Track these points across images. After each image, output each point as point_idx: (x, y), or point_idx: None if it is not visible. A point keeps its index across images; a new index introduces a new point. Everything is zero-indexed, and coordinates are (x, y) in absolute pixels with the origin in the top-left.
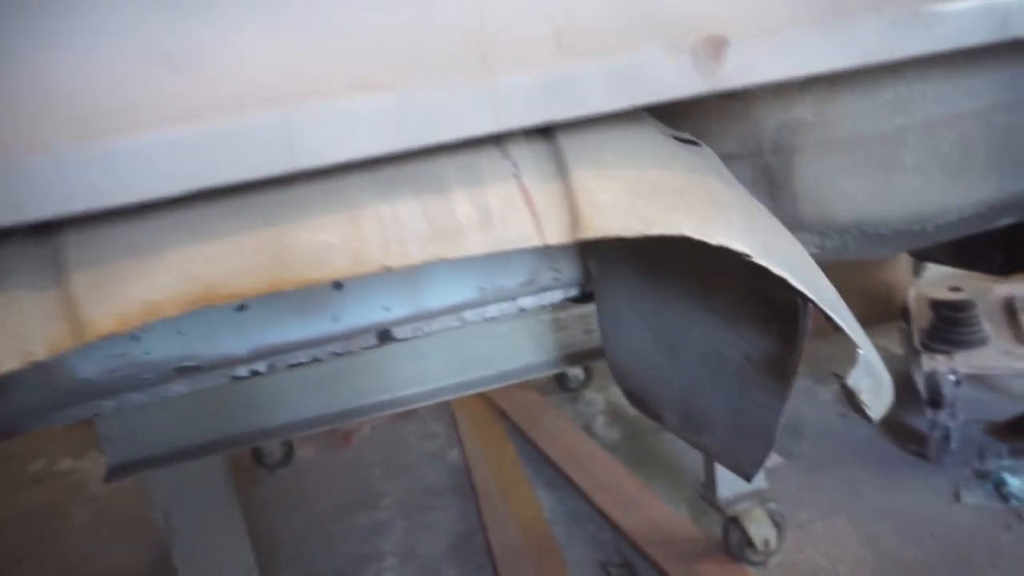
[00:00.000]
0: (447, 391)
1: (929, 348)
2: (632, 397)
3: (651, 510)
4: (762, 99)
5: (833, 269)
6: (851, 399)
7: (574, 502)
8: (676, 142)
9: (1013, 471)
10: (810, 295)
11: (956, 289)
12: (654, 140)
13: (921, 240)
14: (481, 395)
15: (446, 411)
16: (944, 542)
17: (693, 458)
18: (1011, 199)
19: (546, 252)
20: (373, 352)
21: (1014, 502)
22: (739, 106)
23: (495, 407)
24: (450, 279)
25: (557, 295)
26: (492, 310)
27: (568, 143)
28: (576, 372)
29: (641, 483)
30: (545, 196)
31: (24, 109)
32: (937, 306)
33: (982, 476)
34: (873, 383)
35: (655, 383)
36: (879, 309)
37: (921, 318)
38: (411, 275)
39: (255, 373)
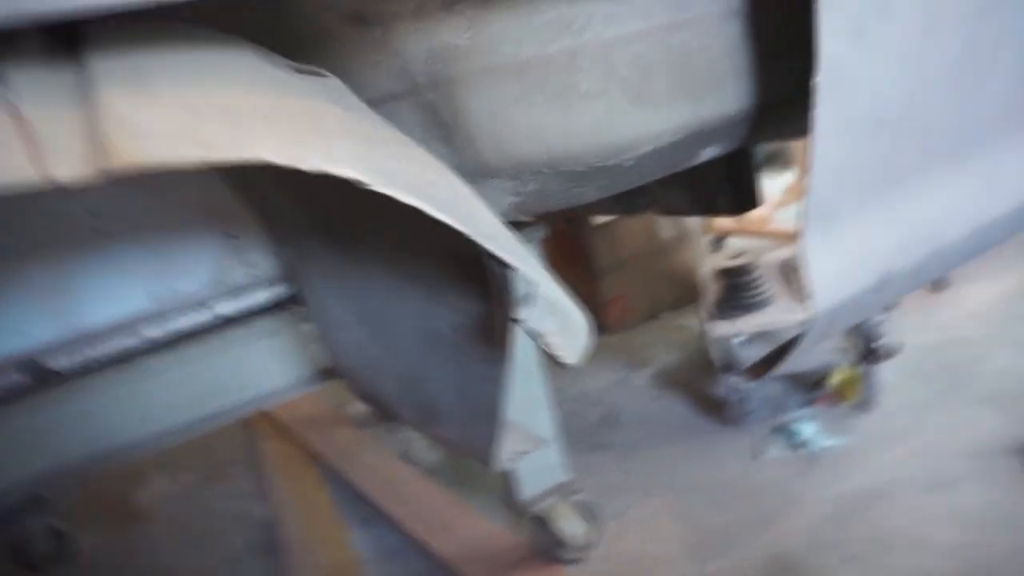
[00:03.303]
0: (177, 431)
1: (718, 316)
2: (367, 399)
3: (467, 528)
4: (401, 23)
5: (640, 258)
6: (540, 345)
7: (390, 536)
8: (288, 71)
9: (804, 420)
10: (461, 227)
11: (737, 257)
12: (242, 65)
13: (626, 177)
14: (293, 439)
15: (255, 465)
16: (747, 500)
17: None
18: (705, 125)
19: (232, 245)
20: (55, 402)
21: (806, 449)
22: (378, 34)
23: (308, 450)
24: (109, 286)
25: (261, 296)
26: (181, 322)
27: (105, 67)
28: None
29: (458, 503)
30: (52, 122)
31: None
32: (723, 275)
33: (778, 430)
34: (559, 323)
35: (379, 376)
36: (687, 291)
37: (711, 291)
38: (53, 284)
39: None
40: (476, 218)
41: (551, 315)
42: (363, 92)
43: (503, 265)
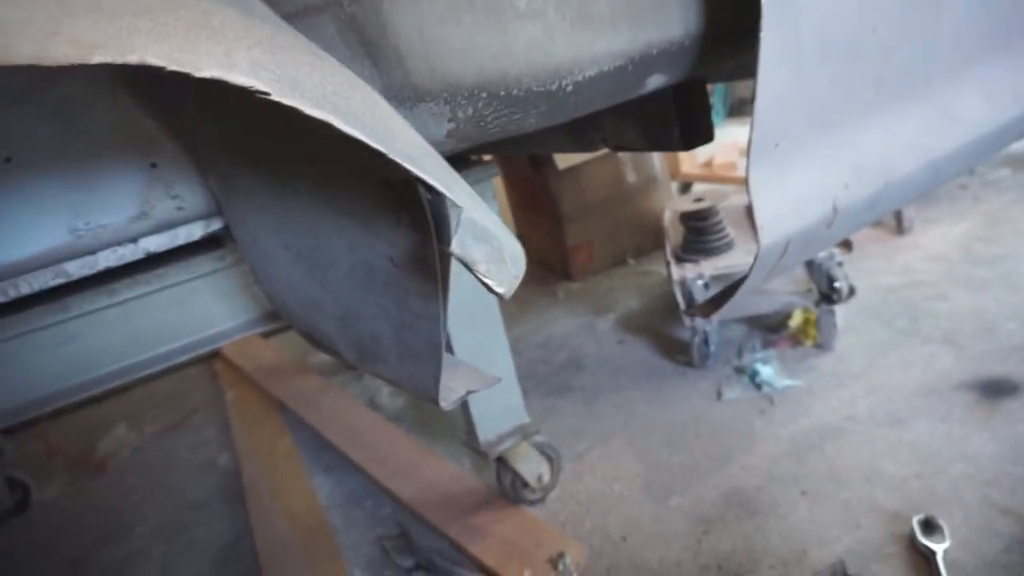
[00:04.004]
0: (115, 375)
1: (681, 260)
2: (309, 338)
3: (430, 473)
4: None
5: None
6: (473, 272)
7: (354, 482)
8: None
9: (764, 361)
10: (376, 144)
11: (700, 200)
12: None
13: (567, 104)
14: (257, 388)
15: (219, 413)
16: (707, 439)
17: None
18: (649, 50)
19: (154, 175)
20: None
21: (766, 389)
22: None
23: (272, 399)
24: (24, 219)
25: (194, 230)
26: (105, 257)
27: None
28: None
29: (421, 447)
30: None
31: None
32: (685, 219)
33: (739, 371)
34: (489, 250)
35: (317, 314)
36: (652, 237)
37: (675, 235)
38: None
39: None
40: (395, 136)
41: (480, 242)
42: (276, 5)
43: (429, 189)
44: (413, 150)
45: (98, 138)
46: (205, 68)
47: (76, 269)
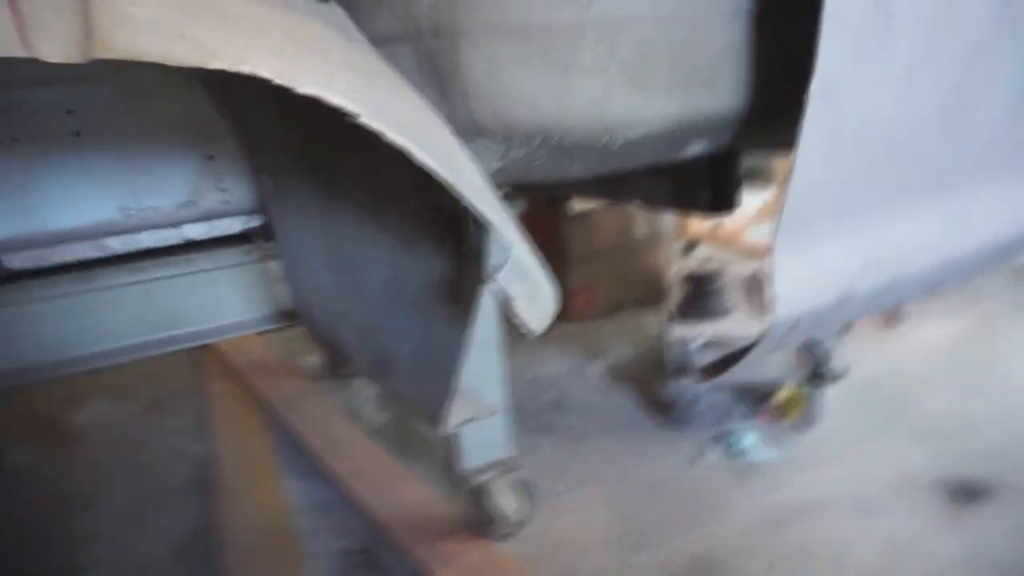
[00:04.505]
0: (123, 353)
1: (679, 319)
2: (324, 342)
3: (404, 492)
4: None
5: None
6: (508, 308)
7: (327, 491)
8: None
9: (746, 431)
10: (445, 175)
11: (707, 263)
12: None
13: (613, 158)
14: (241, 382)
15: (200, 402)
16: (682, 498)
17: None
18: (695, 119)
19: (209, 167)
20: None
21: (745, 459)
22: None
23: (255, 395)
24: (81, 192)
25: (234, 224)
26: (146, 238)
27: None
28: None
29: (398, 466)
30: (42, 3)
31: None
32: (690, 280)
33: (721, 438)
34: (528, 289)
35: (340, 321)
36: (652, 291)
37: (677, 294)
38: (21, 180)
39: None
40: (460, 170)
41: (521, 280)
42: (362, 29)
43: (481, 223)
44: (476, 185)
45: (163, 124)
46: (307, 86)
47: (118, 245)
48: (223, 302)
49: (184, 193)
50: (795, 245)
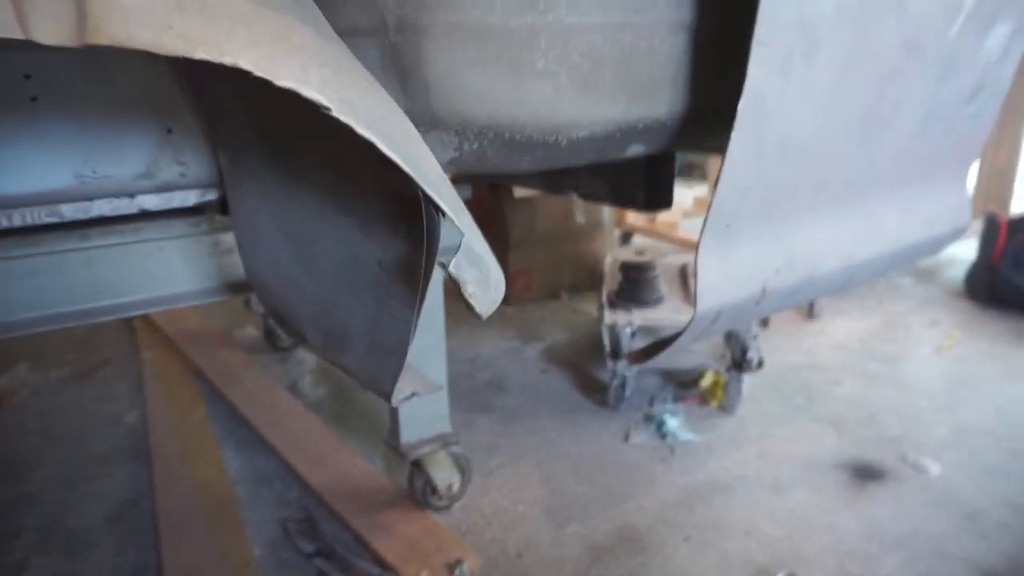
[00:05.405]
0: (65, 318)
1: (614, 306)
2: (276, 316)
3: (342, 464)
4: None
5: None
6: (461, 291)
7: (264, 462)
8: None
9: (672, 413)
10: (407, 168)
11: (641, 254)
12: None
13: (559, 155)
14: (177, 353)
15: (132, 371)
16: (610, 476)
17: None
18: (636, 123)
19: (167, 140)
20: None
21: (670, 439)
22: None
23: (191, 365)
24: (36, 157)
25: (189, 196)
26: (101, 206)
27: None
28: None
29: (336, 438)
30: None
31: None
32: (624, 269)
33: (649, 419)
34: (478, 274)
35: (294, 296)
36: (589, 277)
37: (612, 281)
38: None
39: None
40: (421, 162)
41: (472, 266)
42: (330, 21)
43: (438, 212)
44: (434, 177)
45: (122, 94)
46: (284, 79)
47: (71, 212)
48: (170, 272)
49: (142, 164)
50: (719, 244)
